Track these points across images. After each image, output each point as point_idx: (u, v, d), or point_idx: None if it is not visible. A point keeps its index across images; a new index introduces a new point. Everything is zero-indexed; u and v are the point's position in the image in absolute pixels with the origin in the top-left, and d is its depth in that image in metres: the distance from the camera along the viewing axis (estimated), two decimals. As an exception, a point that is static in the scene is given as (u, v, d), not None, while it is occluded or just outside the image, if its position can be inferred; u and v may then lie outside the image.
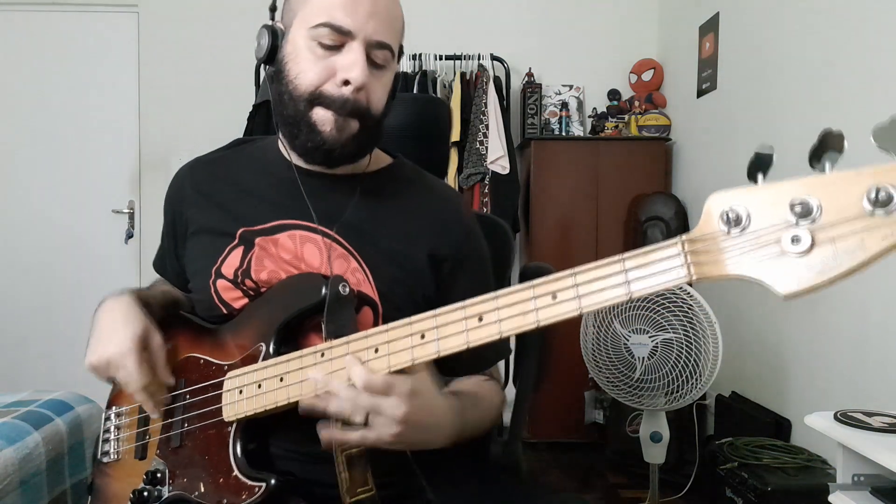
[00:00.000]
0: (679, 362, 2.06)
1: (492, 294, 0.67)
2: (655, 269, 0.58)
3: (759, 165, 0.55)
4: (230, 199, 0.96)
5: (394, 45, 0.88)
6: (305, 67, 0.86)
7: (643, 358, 2.05)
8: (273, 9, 0.94)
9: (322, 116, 0.86)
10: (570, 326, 2.01)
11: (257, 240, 0.92)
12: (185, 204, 1.00)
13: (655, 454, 2.19)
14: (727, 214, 0.54)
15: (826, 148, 0.51)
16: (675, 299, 2.06)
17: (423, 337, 0.70)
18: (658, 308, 2.07)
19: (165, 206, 1.04)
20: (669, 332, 2.06)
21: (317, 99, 0.86)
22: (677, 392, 2.07)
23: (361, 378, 0.71)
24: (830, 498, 1.45)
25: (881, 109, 1.89)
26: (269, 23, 0.93)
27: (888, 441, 1.37)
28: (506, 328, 0.65)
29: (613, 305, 0.61)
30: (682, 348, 2.06)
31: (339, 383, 0.73)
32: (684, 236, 0.57)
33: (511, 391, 1.14)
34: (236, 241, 0.93)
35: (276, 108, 0.91)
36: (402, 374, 0.73)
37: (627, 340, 2.05)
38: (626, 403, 2.15)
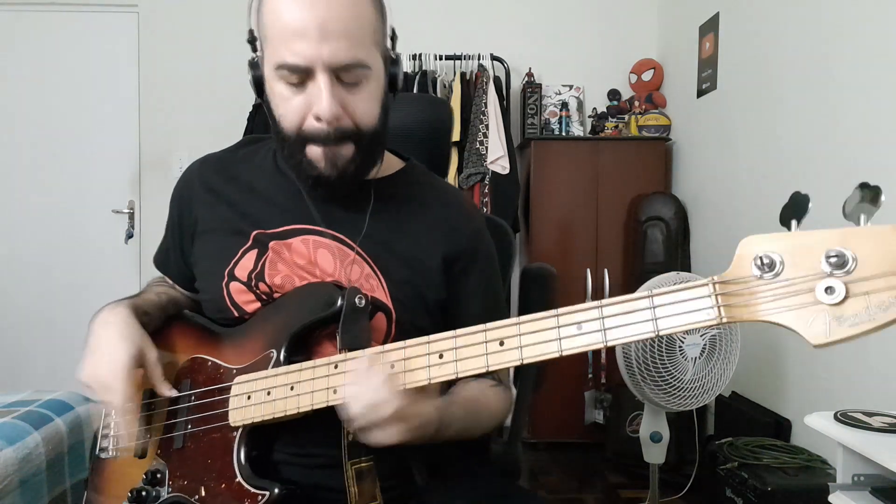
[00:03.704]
0: (721, 358, 2.06)
1: (514, 319, 0.67)
2: (685, 308, 0.58)
3: (794, 213, 0.55)
4: (242, 200, 0.95)
5: (363, 58, 0.82)
6: (283, 109, 0.85)
7: (695, 358, 2.05)
8: (252, 41, 0.91)
9: (315, 153, 0.85)
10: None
11: (272, 243, 0.91)
12: (194, 201, 0.99)
13: (655, 454, 2.19)
14: (761, 259, 0.54)
15: (861, 199, 0.52)
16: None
17: (441, 357, 0.69)
18: None
19: (172, 201, 1.02)
20: (714, 329, 2.06)
21: (304, 138, 0.84)
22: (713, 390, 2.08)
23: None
24: (830, 498, 1.45)
25: (881, 109, 1.89)
26: (253, 56, 0.90)
27: (888, 441, 1.37)
28: (528, 354, 0.65)
29: (639, 342, 0.61)
30: (724, 343, 2.07)
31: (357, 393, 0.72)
32: (716, 278, 0.57)
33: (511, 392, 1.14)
34: (250, 243, 0.92)
35: (276, 144, 0.91)
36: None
37: (683, 342, 2.04)
38: (677, 409, 2.12)
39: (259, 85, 0.89)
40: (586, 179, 3.22)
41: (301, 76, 0.81)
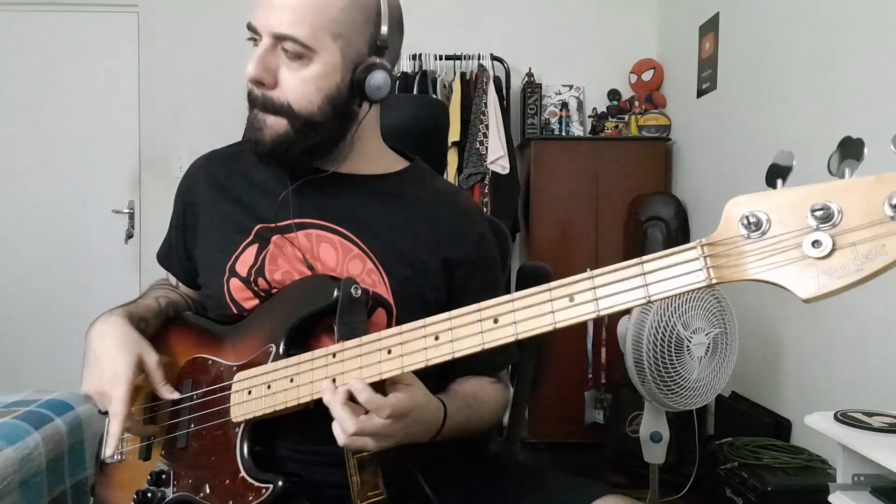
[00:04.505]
0: (721, 356, 2.07)
1: (508, 296, 0.67)
2: (674, 272, 0.58)
3: (779, 171, 0.55)
4: (246, 195, 0.96)
5: (306, 38, 0.82)
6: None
7: (701, 358, 2.06)
8: None
9: (252, 116, 0.88)
10: (571, 328, 1.96)
11: (274, 238, 0.92)
12: (198, 196, 0.99)
13: (655, 454, 2.19)
14: (747, 218, 0.54)
15: (846, 155, 0.51)
16: (716, 293, 2.08)
17: (437, 339, 0.70)
18: (707, 306, 2.07)
19: (177, 197, 1.03)
20: (717, 329, 2.07)
21: (249, 99, 0.88)
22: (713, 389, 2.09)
23: (373, 403, 0.72)
24: (830, 498, 1.45)
25: (881, 109, 1.89)
26: None
27: (888, 441, 1.37)
28: (522, 330, 0.65)
29: (631, 308, 0.61)
30: (726, 342, 2.07)
31: (342, 407, 0.73)
32: (704, 240, 0.57)
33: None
34: (252, 237, 0.92)
35: None
36: (400, 386, 0.74)
37: (690, 342, 2.05)
38: (681, 408, 2.13)
39: None
40: (586, 179, 3.22)
41: (255, 38, 0.86)
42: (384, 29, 0.87)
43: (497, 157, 3.12)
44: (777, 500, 1.88)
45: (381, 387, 0.74)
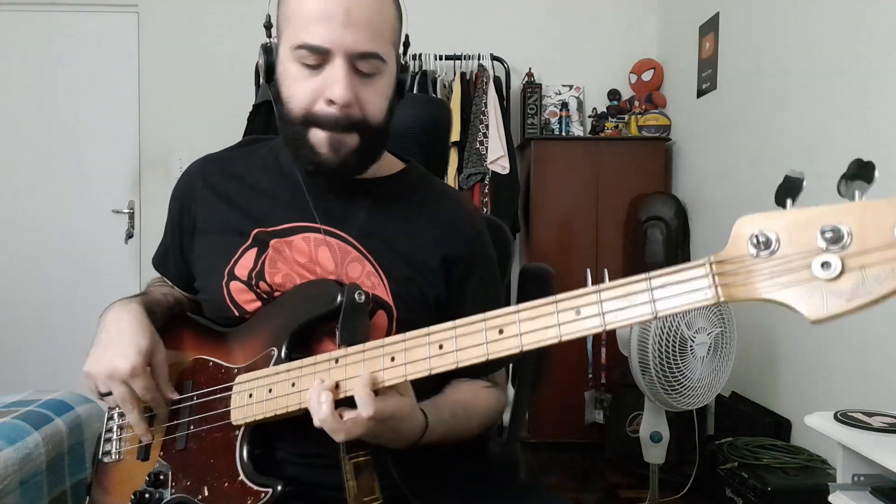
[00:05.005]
0: (722, 356, 2.07)
1: (513, 307, 0.66)
2: (682, 288, 0.58)
3: (789, 190, 0.55)
4: (243, 198, 0.95)
5: (381, 51, 0.84)
6: (294, 90, 0.85)
7: (703, 357, 2.06)
8: (268, 26, 0.92)
9: (319, 138, 0.85)
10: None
11: (272, 241, 0.91)
12: (195, 199, 0.98)
13: (655, 454, 2.19)
14: (756, 237, 0.54)
15: (856, 177, 0.51)
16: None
17: (441, 347, 0.69)
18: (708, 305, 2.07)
19: (172, 200, 1.02)
20: (717, 328, 2.07)
21: (310, 120, 0.85)
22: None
23: (368, 406, 0.71)
24: (830, 498, 1.45)
25: (881, 109, 1.89)
26: (267, 41, 0.91)
27: (888, 441, 1.37)
28: (527, 342, 0.65)
29: (639, 323, 0.61)
30: (726, 341, 2.08)
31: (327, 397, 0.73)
32: (712, 257, 0.57)
33: (510, 392, 1.15)
34: (250, 241, 0.92)
35: (279, 128, 0.91)
36: (392, 391, 0.73)
37: (693, 342, 2.05)
38: (683, 408, 2.13)
39: (269, 70, 0.89)
40: (586, 179, 3.22)
41: (319, 59, 0.83)
42: (405, 27, 0.90)
43: (497, 157, 3.12)
44: (777, 500, 1.89)
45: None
